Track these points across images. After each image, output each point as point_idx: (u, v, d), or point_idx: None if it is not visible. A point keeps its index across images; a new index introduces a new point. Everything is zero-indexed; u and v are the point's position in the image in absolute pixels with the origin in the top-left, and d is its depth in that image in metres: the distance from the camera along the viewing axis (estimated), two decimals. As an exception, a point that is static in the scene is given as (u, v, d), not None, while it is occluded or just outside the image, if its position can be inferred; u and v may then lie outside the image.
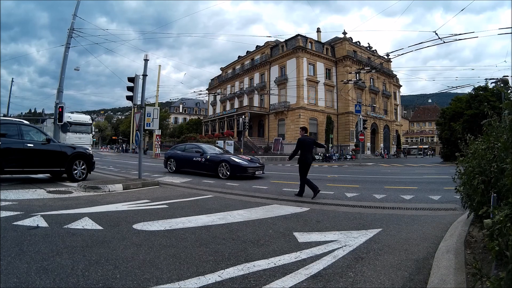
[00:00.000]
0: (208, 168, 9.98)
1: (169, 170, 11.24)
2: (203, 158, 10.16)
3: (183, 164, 10.88)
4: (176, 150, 11.69)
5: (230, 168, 9.30)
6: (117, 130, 75.47)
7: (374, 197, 6.24)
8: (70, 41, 11.87)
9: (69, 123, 20.09)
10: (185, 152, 11.17)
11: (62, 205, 4.68)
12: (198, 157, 10.34)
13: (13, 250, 2.57)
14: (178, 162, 11.04)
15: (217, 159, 9.81)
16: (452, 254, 2.37)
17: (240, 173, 9.27)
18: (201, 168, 10.19)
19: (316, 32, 41.87)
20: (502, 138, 2.40)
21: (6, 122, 7.08)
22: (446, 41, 13.00)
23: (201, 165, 10.17)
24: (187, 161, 10.70)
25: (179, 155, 11.20)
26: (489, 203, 2.38)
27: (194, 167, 10.42)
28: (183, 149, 11.50)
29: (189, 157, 10.72)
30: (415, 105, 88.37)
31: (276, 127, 37.95)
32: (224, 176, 9.30)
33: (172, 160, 11.30)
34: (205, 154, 10.31)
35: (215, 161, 9.81)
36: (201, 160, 10.19)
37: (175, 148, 12.12)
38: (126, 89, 8.17)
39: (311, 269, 2.37)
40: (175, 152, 11.58)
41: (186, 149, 11.40)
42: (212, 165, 9.82)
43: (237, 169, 9.28)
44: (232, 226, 3.72)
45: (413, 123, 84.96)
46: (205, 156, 10.21)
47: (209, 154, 10.23)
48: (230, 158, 9.80)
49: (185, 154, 11.02)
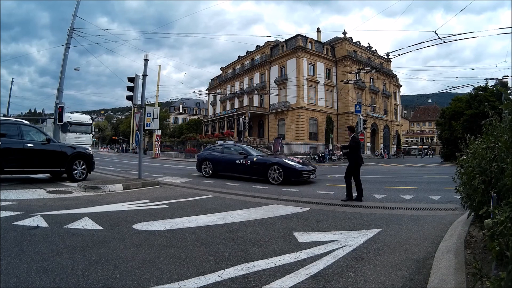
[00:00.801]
0: (255, 172, 8.83)
1: (204, 174, 10.03)
2: (249, 161, 8.97)
3: (222, 167, 9.71)
4: (212, 151, 10.44)
5: (284, 172, 8.18)
6: (117, 130, 75.48)
7: (374, 197, 6.24)
8: (70, 41, 11.88)
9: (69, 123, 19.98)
10: (224, 154, 9.92)
11: (62, 205, 4.68)
12: (242, 159, 9.14)
13: (13, 250, 2.57)
14: (216, 165, 9.83)
15: (267, 162, 8.64)
16: (452, 254, 2.37)
17: (295, 177, 8.22)
18: (246, 172, 9.04)
19: (316, 32, 41.90)
20: (502, 138, 2.40)
21: (6, 122, 7.09)
22: (446, 41, 13.01)
23: (246, 169, 9.00)
24: (228, 164, 9.52)
25: (217, 157, 9.93)
26: (489, 203, 2.38)
27: (237, 170, 9.26)
28: (221, 150, 10.23)
29: (230, 159, 9.52)
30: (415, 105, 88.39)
31: (276, 127, 37.95)
32: (276, 181, 8.18)
33: (207, 163, 10.03)
34: (250, 156, 9.13)
35: (265, 164, 8.63)
36: (246, 163, 8.99)
37: (210, 149, 10.88)
38: (126, 89, 8.17)
39: (311, 269, 2.37)
40: (211, 154, 10.29)
41: (225, 150, 10.18)
42: (261, 168, 8.65)
43: (292, 173, 8.21)
44: (232, 226, 3.71)
45: (413, 123, 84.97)
46: (251, 158, 9.02)
47: (256, 156, 9.05)
48: (283, 160, 8.66)
49: (225, 156, 9.79)
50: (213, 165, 9.88)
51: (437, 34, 12.58)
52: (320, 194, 6.55)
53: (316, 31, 44.57)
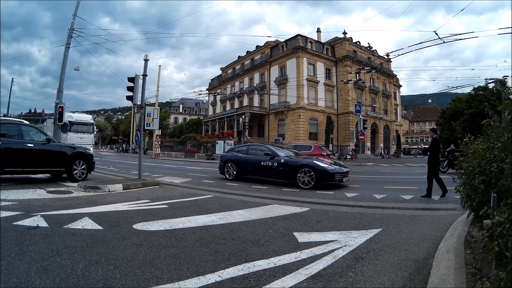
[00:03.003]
0: (282, 175, 8.13)
1: (227, 177, 9.33)
2: (275, 162, 8.24)
3: (246, 169, 9.08)
4: (236, 153, 9.75)
5: (315, 174, 7.46)
6: (117, 130, 75.51)
7: (374, 197, 6.24)
8: (70, 41, 11.90)
9: (71, 122, 19.75)
10: (249, 155, 9.24)
11: (62, 205, 4.68)
12: (268, 161, 8.41)
13: (13, 250, 2.57)
14: (240, 167, 9.17)
15: (296, 164, 7.92)
16: (452, 254, 2.37)
17: (326, 180, 7.52)
18: (272, 175, 8.37)
19: (316, 32, 41.90)
20: (502, 138, 2.40)
21: (6, 122, 7.08)
22: (446, 41, 13.01)
23: (272, 171, 8.30)
24: (253, 166, 8.86)
25: (241, 158, 9.26)
26: (489, 203, 2.38)
27: (262, 173, 8.62)
28: (245, 151, 9.55)
29: (255, 161, 8.83)
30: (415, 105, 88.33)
31: (276, 127, 37.94)
32: (306, 185, 7.45)
33: (231, 165, 9.35)
34: (277, 157, 8.39)
35: (293, 166, 7.91)
36: (273, 165, 8.27)
37: (234, 150, 10.19)
38: (126, 89, 8.17)
39: (311, 269, 2.37)
40: (235, 155, 9.59)
41: (250, 151, 9.50)
42: (289, 171, 7.94)
43: (324, 176, 7.51)
44: (232, 226, 3.72)
45: (413, 123, 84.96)
46: (278, 159, 8.28)
47: (283, 158, 8.34)
48: (313, 162, 7.95)
49: (250, 157, 9.10)
50: (236, 167, 9.19)
51: (437, 34, 12.58)
52: (320, 194, 6.55)
53: (316, 31, 44.61)
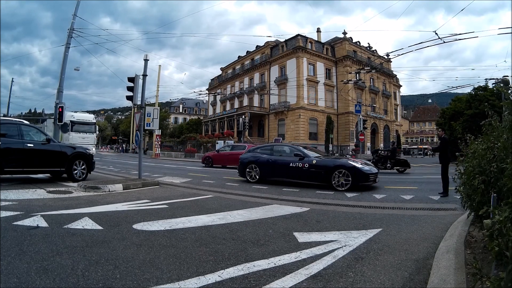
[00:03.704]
0: (314, 176, 7.71)
1: (248, 179, 8.76)
2: (306, 164, 7.79)
3: (272, 171, 8.56)
4: (259, 153, 9.16)
5: (351, 176, 7.14)
6: (117, 130, 75.51)
7: (374, 197, 6.24)
8: (70, 41, 11.90)
9: (73, 122, 19.59)
10: (274, 156, 8.69)
11: (62, 205, 4.68)
12: (297, 162, 7.95)
13: (13, 250, 2.57)
14: (264, 169, 8.63)
15: (330, 165, 7.54)
16: (452, 254, 2.37)
17: (362, 181, 7.26)
18: (303, 177, 7.90)
19: (316, 32, 41.90)
20: (502, 138, 2.40)
21: (6, 122, 7.09)
22: (446, 41, 13.01)
23: (303, 173, 7.82)
24: (280, 167, 8.34)
25: (266, 159, 8.69)
26: (489, 203, 2.38)
27: (291, 175, 8.12)
28: (269, 152, 8.98)
29: (282, 162, 8.33)
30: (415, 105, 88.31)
31: (276, 127, 37.94)
32: (342, 187, 7.13)
33: (254, 166, 8.78)
34: (307, 158, 7.94)
35: (327, 167, 7.50)
36: (304, 166, 7.81)
37: (256, 151, 9.53)
38: (126, 89, 8.18)
39: (311, 269, 2.37)
40: (258, 156, 9.02)
41: (275, 151, 8.94)
42: (322, 172, 7.52)
43: (360, 176, 7.21)
44: (232, 226, 3.71)
45: (413, 123, 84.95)
46: (309, 160, 7.84)
47: (315, 158, 7.90)
48: (349, 162, 7.67)
49: (276, 158, 8.58)
50: (260, 169, 8.68)
51: (437, 34, 12.59)
52: (320, 194, 6.55)
53: (316, 31, 44.58)
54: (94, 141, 21.96)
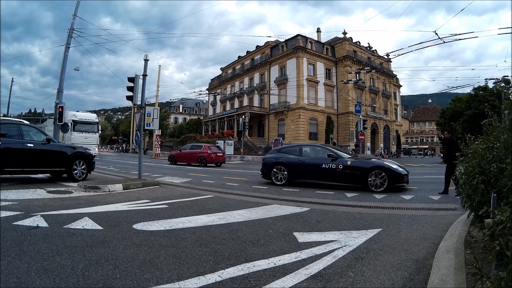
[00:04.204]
0: (349, 178, 7.45)
1: (274, 181, 8.29)
2: (341, 165, 7.47)
3: (302, 173, 8.06)
4: (285, 154, 8.65)
5: (388, 177, 6.97)
6: (117, 130, 75.49)
7: (374, 197, 6.24)
8: (70, 41, 11.89)
9: (75, 121, 19.26)
10: (303, 157, 8.21)
11: (62, 205, 4.68)
12: (330, 163, 7.59)
13: (13, 250, 2.57)
14: (293, 171, 8.13)
15: (366, 166, 7.31)
16: (452, 254, 2.37)
17: (398, 182, 7.11)
18: (337, 179, 7.58)
19: (316, 32, 41.89)
20: (502, 138, 2.40)
21: (6, 122, 7.09)
22: (446, 41, 13.02)
23: (337, 175, 7.50)
24: (311, 169, 7.90)
25: (295, 160, 8.19)
26: (489, 203, 2.38)
27: (324, 177, 7.72)
28: (297, 153, 8.42)
29: (313, 163, 7.92)
30: (415, 105, 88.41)
31: (276, 127, 37.94)
32: (378, 188, 6.96)
33: (280, 168, 8.27)
34: (341, 159, 7.59)
35: (363, 168, 7.26)
36: (338, 167, 7.47)
37: (281, 151, 9.03)
38: (127, 89, 8.18)
39: (311, 269, 2.37)
40: (285, 156, 8.49)
41: (304, 152, 8.40)
42: (358, 173, 7.28)
43: (396, 178, 7.06)
44: (232, 226, 3.71)
45: (413, 123, 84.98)
46: (343, 161, 7.51)
47: (349, 159, 7.61)
48: (384, 163, 7.44)
49: (306, 159, 8.12)
50: (288, 171, 8.18)
51: (437, 34, 12.59)
52: (320, 194, 6.55)
53: (316, 31, 44.59)
54: (96, 141, 21.55)
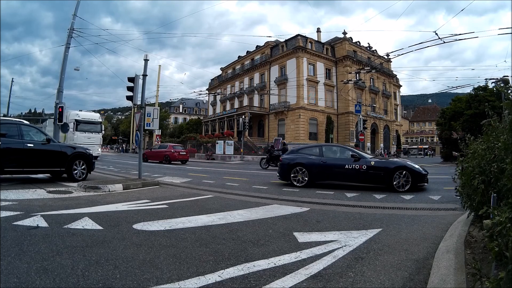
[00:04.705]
0: (373, 178, 7.40)
1: (293, 183, 7.86)
2: (364, 165, 7.37)
3: (324, 174, 7.80)
4: (305, 154, 8.32)
5: (411, 177, 7.02)
6: (117, 130, 75.49)
7: (374, 197, 6.24)
8: (70, 41, 11.89)
9: (78, 121, 18.96)
10: (325, 157, 7.92)
11: (62, 205, 4.68)
12: (352, 163, 7.46)
13: (13, 250, 2.57)
14: (314, 172, 7.81)
15: (390, 166, 7.29)
16: (452, 254, 2.37)
17: (419, 182, 7.17)
18: (360, 179, 7.51)
19: (316, 32, 41.92)
20: (502, 138, 2.40)
21: (6, 122, 7.10)
22: (446, 41, 13.03)
23: (361, 175, 7.40)
24: (334, 169, 7.70)
25: (316, 161, 7.88)
26: (489, 203, 2.38)
27: (347, 178, 7.60)
28: (318, 153, 8.11)
29: (336, 164, 7.72)
30: (415, 105, 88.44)
31: (276, 127, 37.95)
32: (402, 188, 6.97)
33: (300, 169, 7.89)
34: (363, 159, 7.53)
35: (388, 168, 7.23)
36: (361, 167, 7.36)
37: (300, 152, 8.69)
38: (127, 89, 8.18)
39: (311, 269, 2.37)
40: (305, 157, 8.14)
41: (325, 152, 8.10)
42: (382, 174, 7.24)
43: (418, 177, 7.13)
44: (232, 226, 3.71)
45: (413, 123, 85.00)
46: (366, 162, 7.44)
47: (373, 160, 7.59)
48: (407, 163, 7.47)
49: (328, 159, 7.87)
50: (309, 172, 7.82)
51: (437, 34, 12.60)
52: (320, 194, 6.55)
53: (316, 31, 44.67)
54: (100, 141, 21.06)
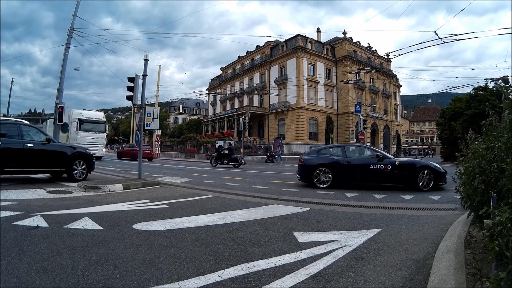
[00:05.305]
0: (398, 178, 7.40)
1: (316, 184, 7.54)
2: (389, 165, 7.35)
3: (348, 174, 7.61)
4: (327, 155, 8.10)
5: (434, 176, 7.12)
6: (117, 130, 75.51)
7: (374, 197, 6.24)
8: (70, 41, 11.89)
9: (81, 120, 18.49)
10: (349, 158, 7.77)
11: (62, 205, 4.68)
12: (376, 163, 7.41)
13: (13, 250, 2.57)
14: (339, 172, 7.57)
15: (415, 165, 7.36)
16: (452, 254, 2.37)
17: (440, 182, 7.24)
18: (385, 179, 7.51)
19: (316, 32, 41.92)
20: (502, 138, 2.40)
21: (6, 122, 7.10)
22: (446, 41, 13.03)
23: (386, 175, 7.37)
24: (359, 170, 7.58)
25: (340, 161, 7.64)
26: (489, 203, 2.38)
27: (372, 178, 7.58)
28: (341, 153, 7.95)
29: (360, 164, 7.62)
30: (415, 105, 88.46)
31: (276, 127, 37.95)
32: (425, 188, 7.06)
33: (324, 170, 7.61)
34: (387, 159, 7.54)
35: (413, 168, 7.29)
36: (386, 167, 7.33)
37: (321, 152, 8.39)
38: (127, 89, 8.18)
39: (311, 269, 2.36)
40: (329, 158, 7.89)
41: (349, 153, 7.99)
42: (406, 173, 7.27)
43: (439, 177, 7.22)
44: (232, 226, 3.71)
45: (413, 123, 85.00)
46: (390, 161, 7.45)
47: (396, 160, 7.67)
48: (429, 162, 7.56)
49: (352, 160, 7.73)
50: (332, 172, 7.56)
51: (437, 34, 12.60)
52: (320, 194, 6.55)
53: (316, 31, 44.65)
54: (104, 141, 20.50)
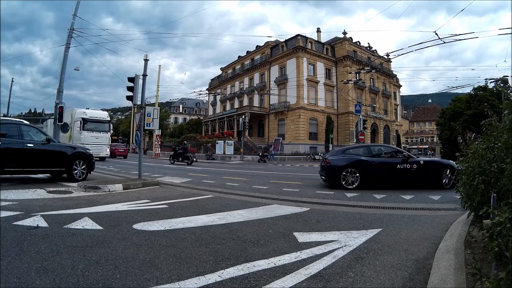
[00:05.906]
0: (424, 177, 7.35)
1: (343, 185, 7.33)
2: (415, 164, 7.31)
3: (376, 174, 7.42)
4: (353, 155, 7.90)
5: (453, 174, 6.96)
6: (117, 130, 75.44)
7: (374, 197, 6.24)
8: (70, 41, 11.89)
9: (84, 120, 18.07)
10: (375, 157, 7.64)
11: (62, 205, 4.68)
12: (403, 163, 7.33)
13: (13, 250, 2.57)
14: (367, 173, 7.37)
15: (439, 164, 7.47)
16: (452, 254, 2.37)
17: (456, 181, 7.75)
18: (410, 179, 7.40)
19: (316, 32, 41.92)
20: (502, 138, 2.40)
21: (6, 122, 7.10)
22: (446, 41, 13.03)
23: (412, 175, 7.32)
24: (386, 170, 7.44)
25: (367, 162, 7.47)
26: (489, 203, 2.38)
27: (397, 178, 7.42)
28: (367, 153, 7.83)
29: (388, 164, 7.47)
30: (415, 105, 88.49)
31: (276, 127, 37.95)
32: (447, 185, 7.19)
33: (351, 170, 7.38)
34: (412, 158, 7.55)
35: (438, 167, 7.32)
36: (412, 167, 7.28)
37: (347, 153, 8.17)
38: (127, 89, 8.18)
39: (311, 269, 2.37)
40: (356, 158, 7.67)
41: (374, 152, 7.91)
42: (431, 172, 7.29)
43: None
44: (232, 226, 3.71)
45: (413, 123, 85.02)
46: (415, 160, 7.43)
47: (422, 159, 7.70)
48: (450, 161, 7.56)
49: (379, 160, 7.59)
50: (360, 173, 7.35)
51: (437, 34, 12.60)
52: (320, 194, 6.55)
53: (316, 31, 44.69)
54: (108, 141, 19.90)
